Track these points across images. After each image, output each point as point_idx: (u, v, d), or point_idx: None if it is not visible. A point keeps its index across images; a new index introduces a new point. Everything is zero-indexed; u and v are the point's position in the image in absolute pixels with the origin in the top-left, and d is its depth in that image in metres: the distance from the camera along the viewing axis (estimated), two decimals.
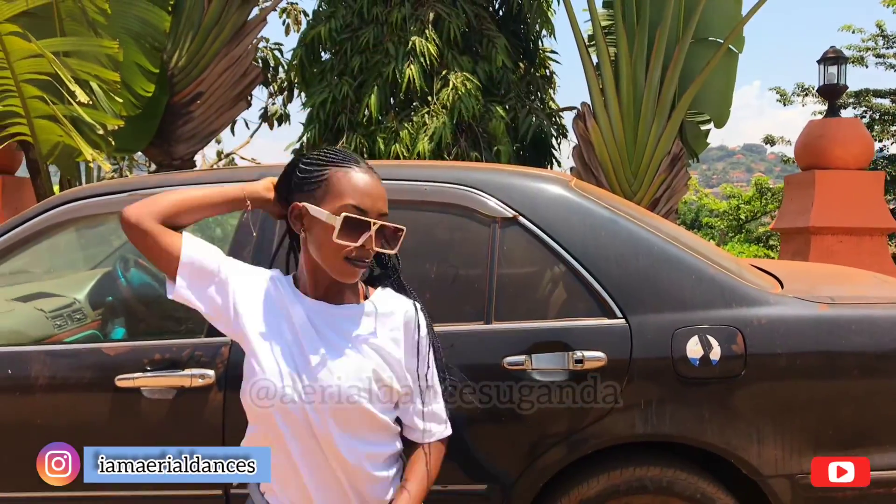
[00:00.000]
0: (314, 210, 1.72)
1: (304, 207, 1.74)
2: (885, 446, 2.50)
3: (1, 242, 2.74)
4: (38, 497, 2.54)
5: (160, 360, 2.51)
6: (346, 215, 1.69)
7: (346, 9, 6.25)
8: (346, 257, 1.70)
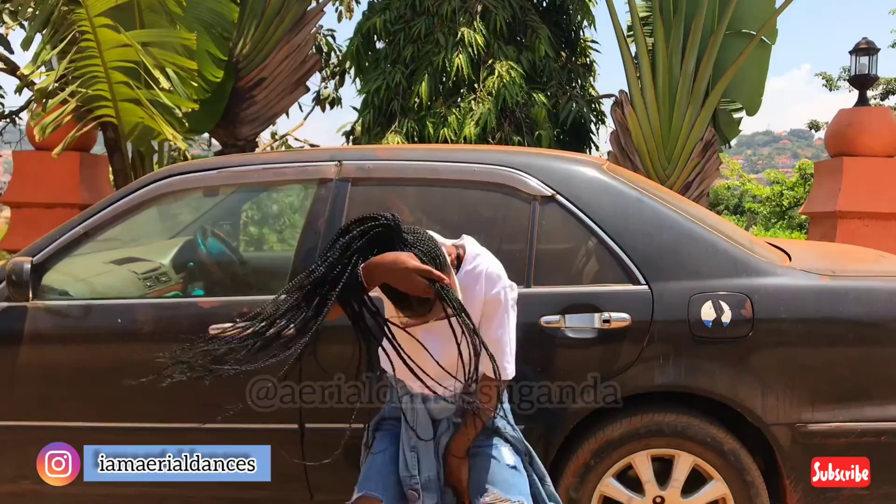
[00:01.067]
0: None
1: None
2: (875, 401, 2.78)
3: (108, 212, 3.14)
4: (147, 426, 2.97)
5: (247, 312, 2.91)
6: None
7: (400, 1, 6.59)
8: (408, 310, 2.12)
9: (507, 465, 2.26)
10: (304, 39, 6.78)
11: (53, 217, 7.03)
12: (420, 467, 2.25)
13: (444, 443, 2.31)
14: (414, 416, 2.30)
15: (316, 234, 2.98)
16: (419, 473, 2.24)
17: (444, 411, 2.33)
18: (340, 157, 3.12)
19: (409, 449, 2.27)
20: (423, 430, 2.28)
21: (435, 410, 2.33)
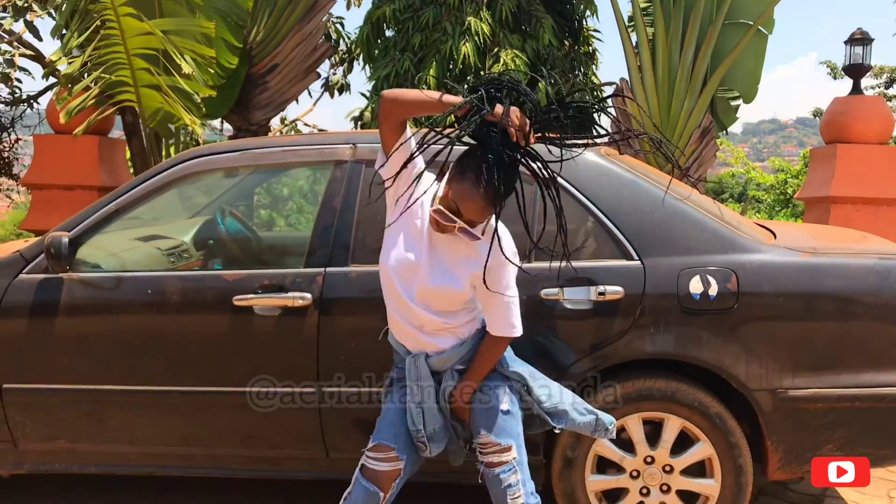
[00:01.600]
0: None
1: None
2: (851, 369, 2.95)
3: (138, 191, 3.32)
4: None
5: (269, 284, 3.09)
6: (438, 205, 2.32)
7: None
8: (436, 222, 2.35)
9: (502, 411, 2.44)
10: (315, 27, 6.92)
11: (73, 198, 7.21)
12: (426, 421, 2.44)
13: (449, 391, 2.49)
14: (416, 373, 2.48)
15: (332, 212, 3.16)
16: (424, 427, 2.43)
17: (445, 364, 2.50)
18: (355, 140, 3.30)
19: (415, 406, 2.45)
20: (426, 385, 2.46)
21: (436, 364, 2.50)
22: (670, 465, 2.97)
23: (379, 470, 2.40)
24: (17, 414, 3.21)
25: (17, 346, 3.19)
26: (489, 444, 2.41)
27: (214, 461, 3.26)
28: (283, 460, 3.23)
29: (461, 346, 2.50)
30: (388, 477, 2.40)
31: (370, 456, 2.43)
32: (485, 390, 2.50)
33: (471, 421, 2.48)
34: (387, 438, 2.44)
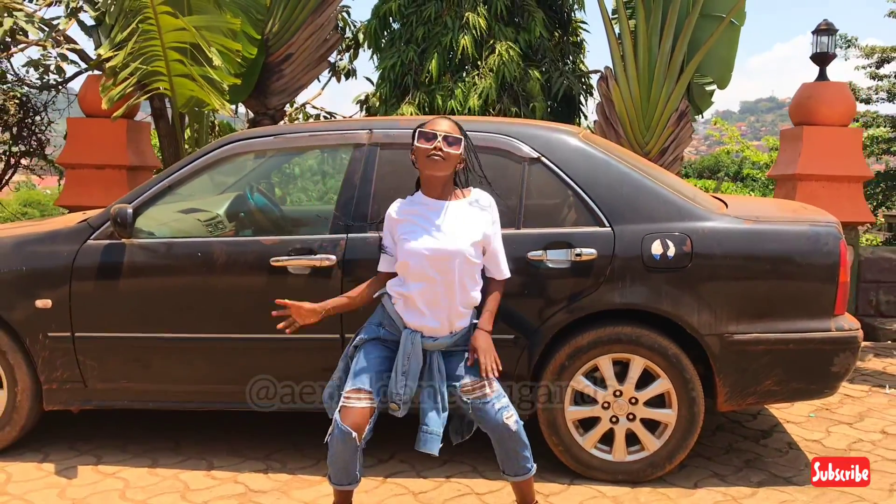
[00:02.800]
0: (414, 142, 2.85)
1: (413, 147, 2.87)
2: (785, 318, 3.43)
3: (188, 169, 3.78)
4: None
5: (300, 247, 3.58)
6: (419, 130, 2.84)
7: None
8: (426, 156, 2.81)
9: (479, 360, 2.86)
10: (326, 20, 7.29)
11: (103, 177, 7.61)
12: (406, 389, 2.79)
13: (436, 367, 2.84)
14: (411, 349, 2.81)
15: (352, 187, 3.63)
16: (404, 393, 2.78)
17: (435, 347, 2.86)
18: (371, 126, 3.77)
19: (401, 373, 2.78)
20: (415, 361, 2.81)
21: (428, 345, 2.85)
22: (635, 398, 3.46)
23: (356, 408, 2.72)
24: (87, 358, 3.70)
25: (87, 301, 3.67)
26: (476, 384, 2.81)
27: (247, 398, 3.66)
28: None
29: (451, 337, 2.88)
30: (363, 414, 2.72)
31: (350, 396, 2.74)
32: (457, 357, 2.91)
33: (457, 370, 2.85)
34: (364, 383, 2.78)
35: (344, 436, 2.69)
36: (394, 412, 2.82)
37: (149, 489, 3.44)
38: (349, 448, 2.70)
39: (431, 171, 2.84)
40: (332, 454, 2.75)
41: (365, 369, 2.82)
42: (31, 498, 3.33)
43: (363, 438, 2.72)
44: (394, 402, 2.79)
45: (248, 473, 3.60)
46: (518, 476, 2.88)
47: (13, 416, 3.75)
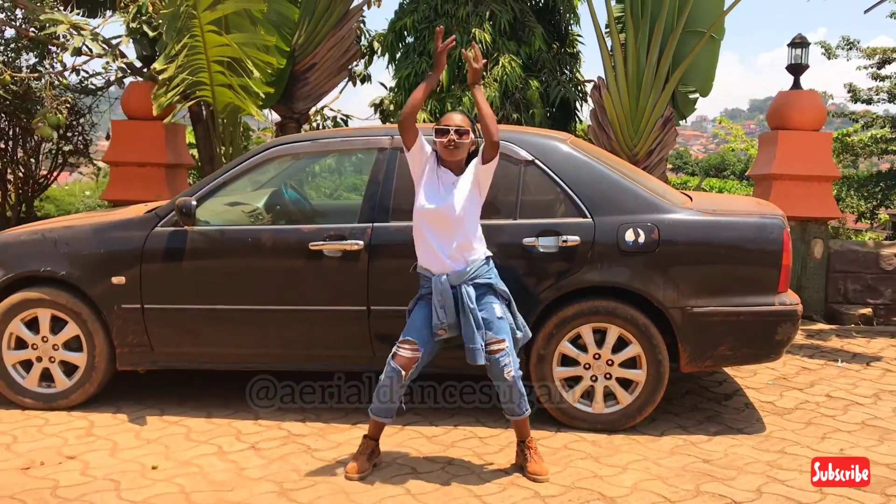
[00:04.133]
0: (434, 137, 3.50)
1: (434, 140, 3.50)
2: (735, 294, 3.99)
3: (240, 168, 4.36)
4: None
5: (334, 234, 4.19)
6: (437, 127, 3.47)
7: (425, 5, 7.59)
8: (444, 147, 3.45)
9: (497, 317, 3.48)
10: (347, 32, 7.83)
11: (143, 174, 8.17)
12: (446, 315, 3.43)
13: (465, 298, 3.44)
14: (441, 287, 3.44)
15: (377, 185, 4.23)
16: (445, 320, 3.43)
17: (459, 279, 3.46)
18: (392, 133, 4.35)
19: (438, 307, 3.43)
20: (447, 295, 3.43)
21: (453, 279, 3.46)
22: (611, 360, 4.03)
23: (405, 356, 3.42)
24: (154, 326, 4.31)
25: (154, 278, 4.27)
26: (494, 340, 3.44)
27: (289, 359, 4.35)
28: (340, 358, 4.31)
29: (468, 268, 3.48)
30: (410, 361, 3.42)
31: (401, 346, 3.44)
32: (484, 304, 3.51)
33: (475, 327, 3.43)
34: (413, 336, 3.45)
35: (394, 373, 3.40)
36: (440, 337, 3.48)
37: (208, 433, 4.05)
38: (396, 384, 3.41)
39: (449, 157, 3.51)
40: (381, 387, 3.45)
41: (413, 326, 3.50)
42: (115, 438, 3.95)
43: (407, 378, 3.42)
44: (439, 329, 3.45)
45: (290, 422, 4.20)
46: (514, 416, 3.50)
47: (92, 375, 4.37)
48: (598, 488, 3.38)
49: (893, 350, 6.12)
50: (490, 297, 3.53)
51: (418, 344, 3.46)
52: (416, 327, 3.51)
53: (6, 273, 4.39)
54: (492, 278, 3.56)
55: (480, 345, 3.42)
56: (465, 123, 3.51)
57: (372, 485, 3.40)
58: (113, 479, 3.44)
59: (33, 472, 3.53)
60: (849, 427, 4.25)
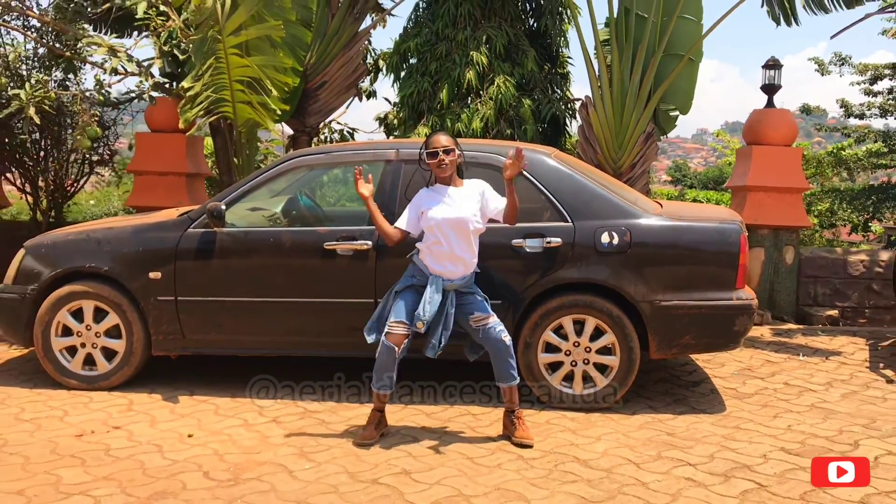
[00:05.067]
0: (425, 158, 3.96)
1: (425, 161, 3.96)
2: (698, 290, 4.44)
3: (263, 177, 4.83)
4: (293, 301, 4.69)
5: (346, 235, 4.66)
6: (427, 151, 3.94)
7: (427, 29, 8.05)
8: (436, 167, 3.91)
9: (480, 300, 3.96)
10: (355, 53, 8.31)
11: (165, 182, 8.61)
12: (429, 313, 3.83)
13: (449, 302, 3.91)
14: (435, 288, 3.87)
15: (384, 194, 4.68)
16: (425, 316, 3.83)
17: (451, 287, 3.92)
18: (398, 147, 4.83)
19: (427, 303, 3.83)
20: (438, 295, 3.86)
21: (446, 286, 3.91)
22: (589, 347, 4.47)
23: (397, 333, 3.84)
24: (186, 316, 4.75)
25: (187, 274, 4.71)
26: (482, 317, 3.92)
27: (305, 345, 4.80)
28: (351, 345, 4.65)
29: (462, 279, 3.94)
30: (401, 338, 3.85)
31: (392, 325, 3.86)
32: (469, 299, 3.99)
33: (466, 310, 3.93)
34: (403, 317, 3.88)
35: (388, 350, 3.83)
36: (418, 329, 3.87)
37: (234, 409, 4.50)
38: (390, 359, 3.84)
39: (442, 174, 3.98)
40: (378, 364, 3.87)
41: (403, 308, 3.91)
42: (153, 413, 4.41)
43: (400, 354, 3.85)
44: (419, 321, 3.84)
45: (306, 401, 4.65)
46: (507, 382, 3.95)
47: (130, 359, 4.82)
48: (573, 453, 3.83)
49: (852, 346, 6.56)
50: (471, 296, 4.03)
51: (408, 324, 3.88)
52: (406, 310, 3.92)
53: (55, 268, 4.85)
54: (475, 289, 4.08)
55: (437, 342, 3.90)
56: (451, 143, 3.99)
57: (379, 449, 3.86)
58: (156, 444, 3.90)
59: (86, 438, 3.98)
60: (799, 409, 4.71)
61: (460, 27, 7.97)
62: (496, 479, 3.48)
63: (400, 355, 3.88)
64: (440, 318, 3.92)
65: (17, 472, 3.52)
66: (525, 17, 8.76)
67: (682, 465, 3.71)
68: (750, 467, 3.69)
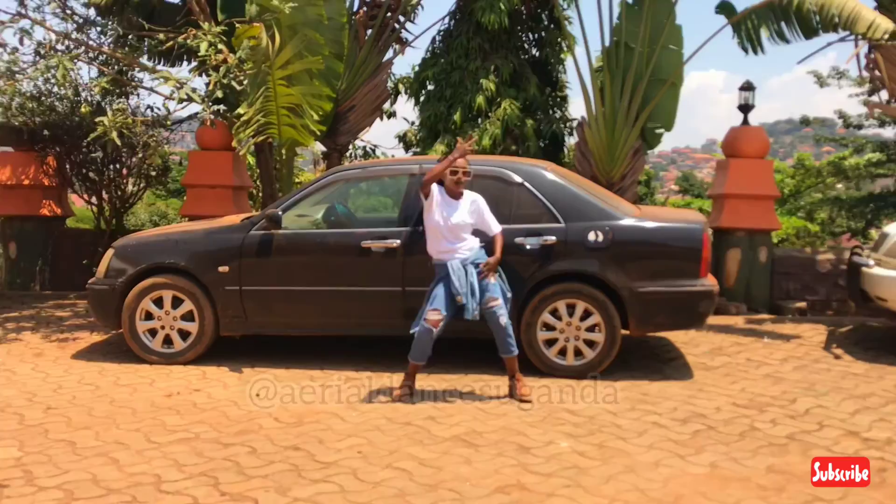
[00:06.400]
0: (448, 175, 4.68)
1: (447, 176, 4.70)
2: (667, 278, 5.17)
3: (310, 189, 5.61)
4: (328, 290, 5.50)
5: (378, 235, 5.43)
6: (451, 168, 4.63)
7: (443, 60, 8.79)
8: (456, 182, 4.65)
9: (492, 284, 4.61)
10: (380, 80, 9.12)
11: (214, 194, 9.29)
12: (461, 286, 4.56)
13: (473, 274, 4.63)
14: (456, 267, 4.61)
15: (409, 200, 5.44)
16: (461, 289, 4.56)
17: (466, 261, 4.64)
18: (420, 162, 5.62)
19: (456, 280, 4.56)
20: (461, 272, 4.60)
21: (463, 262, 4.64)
22: (579, 326, 5.16)
23: (433, 318, 4.54)
24: (249, 302, 5.49)
25: (250, 267, 5.45)
26: (491, 298, 4.62)
27: (345, 326, 5.57)
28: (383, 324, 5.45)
29: (470, 252, 4.67)
30: (437, 322, 4.55)
31: (429, 312, 4.58)
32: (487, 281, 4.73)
33: (482, 291, 4.64)
34: (438, 305, 4.58)
35: (426, 332, 4.55)
36: (460, 303, 4.59)
37: (289, 378, 5.23)
38: (428, 338, 4.56)
39: (456, 189, 4.71)
40: (418, 341, 4.58)
41: (437, 298, 4.63)
42: (224, 380, 5.18)
43: (436, 334, 4.57)
44: (458, 295, 4.57)
45: (347, 371, 5.37)
46: (507, 354, 4.69)
47: (202, 339, 5.59)
48: (564, 406, 4.56)
49: (813, 332, 7.23)
50: (495, 279, 4.74)
51: (441, 310, 4.61)
52: (440, 298, 4.64)
53: (140, 264, 5.62)
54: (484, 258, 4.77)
55: (475, 306, 4.61)
56: (467, 165, 4.76)
57: (410, 403, 4.64)
58: (232, 401, 4.68)
59: (174, 398, 4.77)
60: (754, 377, 5.42)
61: (472, 58, 8.75)
62: (502, 422, 4.23)
63: (436, 335, 4.59)
64: (468, 290, 4.63)
65: (130, 418, 4.31)
66: (528, 48, 9.54)
67: (650, 414, 4.45)
68: (704, 416, 4.43)
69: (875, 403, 4.73)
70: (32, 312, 7.61)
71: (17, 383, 5.03)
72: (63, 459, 3.61)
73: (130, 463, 3.58)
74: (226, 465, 3.56)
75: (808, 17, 7.37)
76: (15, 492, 3.22)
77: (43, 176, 9.63)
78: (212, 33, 6.33)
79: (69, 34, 7.71)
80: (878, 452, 3.83)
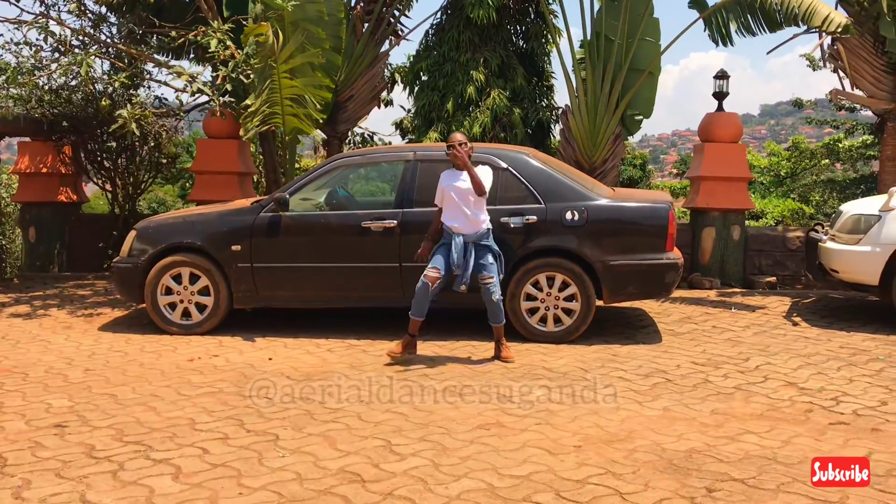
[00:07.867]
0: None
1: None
2: (637, 252, 5.68)
3: (315, 174, 6.11)
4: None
5: (377, 216, 5.94)
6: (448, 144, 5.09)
7: (436, 52, 9.37)
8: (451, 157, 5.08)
9: (489, 263, 5.07)
10: (377, 71, 9.62)
11: (220, 180, 9.68)
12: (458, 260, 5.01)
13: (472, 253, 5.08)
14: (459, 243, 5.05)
15: (405, 183, 5.93)
16: (457, 263, 5.01)
17: (469, 239, 5.07)
18: (415, 149, 6.12)
19: (456, 254, 5.00)
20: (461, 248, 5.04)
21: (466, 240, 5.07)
22: (558, 297, 5.67)
23: (432, 275, 5.01)
24: (259, 278, 5.98)
25: (259, 246, 5.94)
26: (486, 276, 5.08)
27: (347, 298, 6.05)
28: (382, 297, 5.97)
29: (475, 234, 5.10)
30: (435, 279, 5.02)
31: (429, 269, 5.05)
32: (482, 256, 5.14)
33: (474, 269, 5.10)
34: (437, 264, 5.05)
35: (424, 286, 5.01)
36: (455, 272, 5.06)
37: (297, 346, 5.75)
38: (426, 292, 5.01)
39: (455, 161, 5.13)
40: (417, 297, 5.03)
41: (437, 259, 5.10)
42: (239, 347, 5.69)
43: (433, 291, 5.02)
44: (454, 267, 5.04)
45: (350, 339, 5.91)
46: (496, 323, 5.19)
47: (217, 311, 6.08)
48: (542, 365, 5.11)
49: (778, 303, 7.76)
50: (486, 253, 5.18)
51: (440, 269, 5.08)
52: (439, 259, 5.12)
53: (160, 244, 6.10)
54: (490, 243, 5.20)
55: (465, 280, 5.08)
56: (463, 138, 5.18)
57: (406, 363, 5.18)
58: (248, 364, 5.20)
59: (196, 362, 5.30)
60: (717, 341, 5.96)
61: (462, 50, 9.24)
62: (487, 378, 4.76)
63: (433, 292, 5.05)
64: (464, 264, 5.09)
65: (160, 377, 4.83)
66: (516, 41, 10.02)
67: (617, 370, 4.99)
68: (665, 371, 4.98)
69: (817, 360, 5.28)
70: (55, 291, 8.10)
71: (54, 351, 5.54)
72: (109, 407, 4.14)
73: (166, 410, 4.10)
74: (248, 411, 4.09)
75: (772, 12, 7.86)
76: (74, 430, 3.75)
77: (60, 164, 10.08)
78: (221, 31, 6.80)
79: (84, 30, 8.17)
80: (808, 398, 4.38)
